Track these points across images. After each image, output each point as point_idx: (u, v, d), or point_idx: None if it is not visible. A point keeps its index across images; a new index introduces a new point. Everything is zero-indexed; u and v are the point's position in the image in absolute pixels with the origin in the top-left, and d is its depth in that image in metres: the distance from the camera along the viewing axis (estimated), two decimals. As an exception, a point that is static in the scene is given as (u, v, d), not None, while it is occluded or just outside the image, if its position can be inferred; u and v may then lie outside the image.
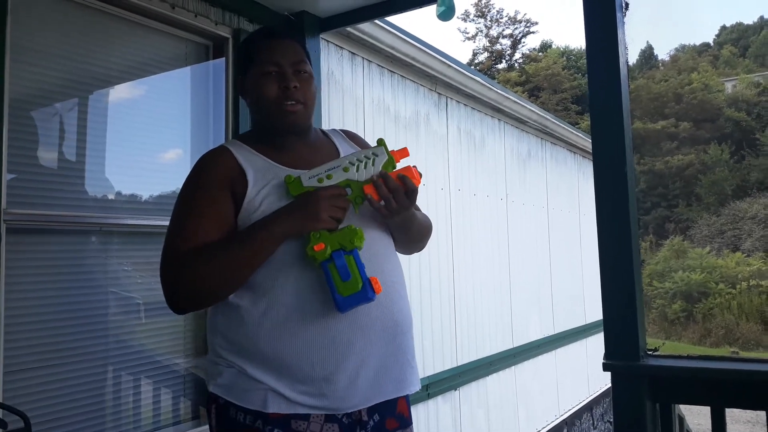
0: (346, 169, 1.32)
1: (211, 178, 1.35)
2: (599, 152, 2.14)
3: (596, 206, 2.17)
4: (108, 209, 2.31)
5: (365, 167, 1.32)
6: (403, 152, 1.36)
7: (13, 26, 1.97)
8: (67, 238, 2.18)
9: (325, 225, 1.28)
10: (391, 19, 3.45)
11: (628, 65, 2.27)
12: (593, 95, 2.17)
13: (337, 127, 3.41)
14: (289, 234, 1.28)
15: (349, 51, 3.57)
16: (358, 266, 1.26)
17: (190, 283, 1.27)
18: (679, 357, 2.12)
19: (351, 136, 1.61)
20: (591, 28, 2.19)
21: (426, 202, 4.19)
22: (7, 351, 1.90)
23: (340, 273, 1.24)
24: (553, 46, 38.29)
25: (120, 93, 2.45)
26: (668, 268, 20.37)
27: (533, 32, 44.12)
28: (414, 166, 1.37)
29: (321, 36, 3.04)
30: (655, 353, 2.13)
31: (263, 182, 1.34)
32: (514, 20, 37.47)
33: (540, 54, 36.74)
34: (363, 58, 3.70)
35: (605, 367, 2.11)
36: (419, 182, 1.35)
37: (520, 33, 37.48)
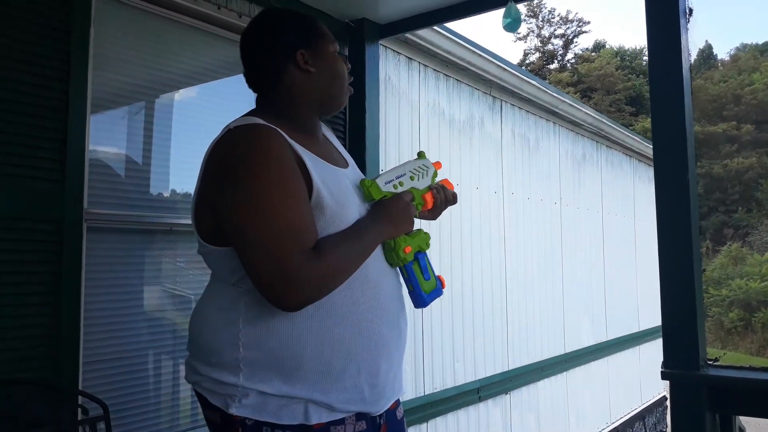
0: (412, 178, 1.42)
1: (290, 161, 1.20)
2: (661, 159, 2.13)
3: (657, 213, 2.15)
4: (179, 210, 2.42)
5: (422, 177, 1.45)
6: (438, 164, 1.54)
7: (96, 36, 2.09)
8: (140, 237, 2.29)
9: (412, 228, 1.37)
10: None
11: (690, 71, 2.24)
12: (655, 102, 2.15)
13: (392, 131, 3.48)
14: (393, 236, 1.33)
15: (406, 56, 3.62)
16: (431, 266, 1.40)
17: (335, 275, 1.19)
18: (741, 368, 2.09)
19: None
20: (654, 35, 2.17)
21: (479, 205, 4.20)
22: (86, 342, 2.01)
23: (423, 272, 1.37)
24: (607, 46, 37.52)
25: (191, 97, 2.56)
26: (725, 275, 19.70)
27: (586, 32, 43.44)
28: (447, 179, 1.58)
29: (380, 42, 3.11)
30: (716, 363, 2.10)
31: (321, 175, 1.25)
32: (566, 20, 36.92)
33: (593, 54, 36.05)
34: (419, 62, 3.74)
35: (664, 376, 2.09)
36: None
37: (572, 33, 36.89)
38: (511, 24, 1.86)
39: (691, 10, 2.26)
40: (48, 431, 1.77)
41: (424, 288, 1.37)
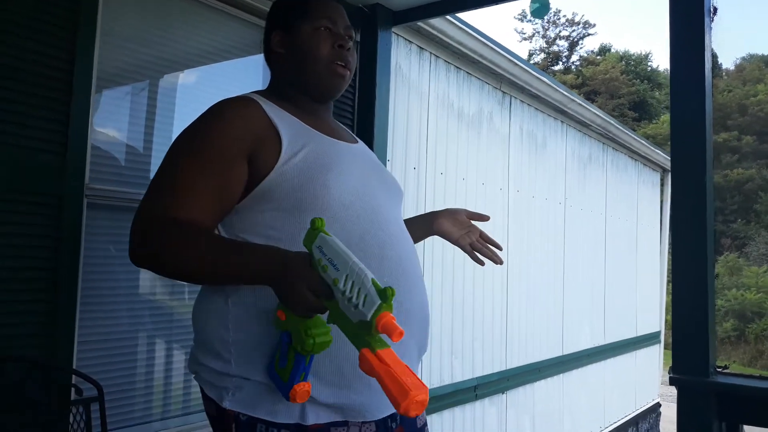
0: (336, 282, 0.96)
1: (232, 134, 1.15)
2: (679, 162, 2.09)
3: (671, 216, 2.13)
4: (181, 190, 2.36)
5: (355, 299, 0.94)
6: (387, 320, 0.92)
7: (104, 11, 2.03)
8: (141, 216, 2.23)
9: (296, 314, 1.03)
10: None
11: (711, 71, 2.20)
12: (676, 102, 2.11)
13: (401, 121, 3.42)
14: (262, 284, 1.06)
15: (418, 45, 3.56)
16: (297, 366, 1.05)
17: (159, 255, 1.10)
18: (751, 377, 2.06)
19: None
20: (677, 33, 2.12)
21: (484, 201, 4.15)
22: (81, 321, 1.96)
23: (281, 355, 1.07)
24: (612, 50, 37.43)
25: (197, 77, 2.50)
26: (721, 285, 19.74)
27: (591, 34, 43.24)
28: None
29: (392, 29, 3.05)
30: (725, 371, 2.07)
31: (299, 144, 1.17)
32: (572, 22, 36.83)
33: (598, 57, 35.98)
34: (431, 53, 3.68)
35: (672, 381, 2.06)
36: None
37: (577, 35, 36.82)
38: (539, 9, 1.81)
39: (715, 9, 2.21)
40: (40, 411, 1.72)
41: (276, 367, 1.07)
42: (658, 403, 7.76)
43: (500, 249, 1.60)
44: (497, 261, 1.60)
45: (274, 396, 1.09)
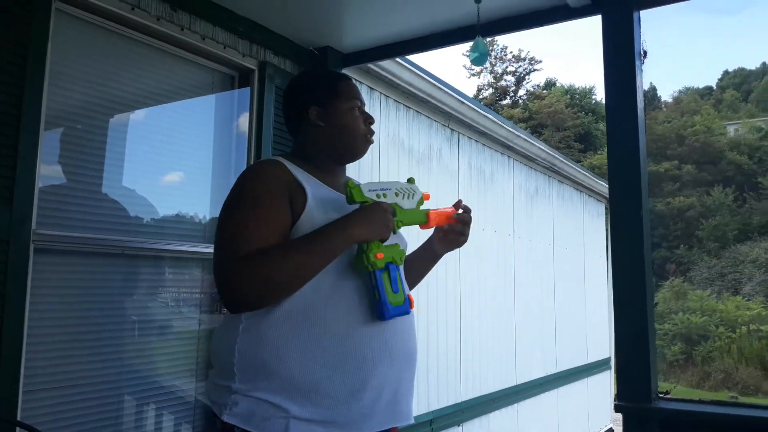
0: (396, 194, 1.46)
1: (274, 185, 1.38)
2: (616, 195, 2.19)
3: (611, 247, 2.21)
4: (131, 233, 2.35)
5: (407, 198, 1.49)
6: (427, 196, 1.57)
7: (53, 52, 2.02)
8: (90, 260, 2.21)
9: (387, 236, 1.37)
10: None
11: (645, 111, 2.32)
12: (612, 141, 2.22)
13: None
14: (365, 239, 1.33)
15: (368, 86, 3.65)
16: (402, 281, 1.39)
17: (262, 279, 1.26)
18: (691, 401, 2.14)
19: None
20: (610, 76, 2.25)
21: (436, 235, 4.22)
22: (27, 370, 1.91)
23: (392, 284, 1.35)
24: (558, 84, 38.68)
25: (147, 118, 2.50)
26: (668, 310, 20.28)
27: (537, 70, 44.66)
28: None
29: (342, 71, 3.12)
30: (667, 396, 2.15)
31: (319, 197, 1.40)
32: (518, 58, 37.92)
33: (544, 91, 37.09)
34: (381, 93, 3.77)
35: (617, 408, 2.12)
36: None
37: (524, 70, 37.91)
38: (479, 58, 1.90)
39: (645, 53, 2.35)
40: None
41: (391, 299, 1.33)
42: (611, 428, 7.89)
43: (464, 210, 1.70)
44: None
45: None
